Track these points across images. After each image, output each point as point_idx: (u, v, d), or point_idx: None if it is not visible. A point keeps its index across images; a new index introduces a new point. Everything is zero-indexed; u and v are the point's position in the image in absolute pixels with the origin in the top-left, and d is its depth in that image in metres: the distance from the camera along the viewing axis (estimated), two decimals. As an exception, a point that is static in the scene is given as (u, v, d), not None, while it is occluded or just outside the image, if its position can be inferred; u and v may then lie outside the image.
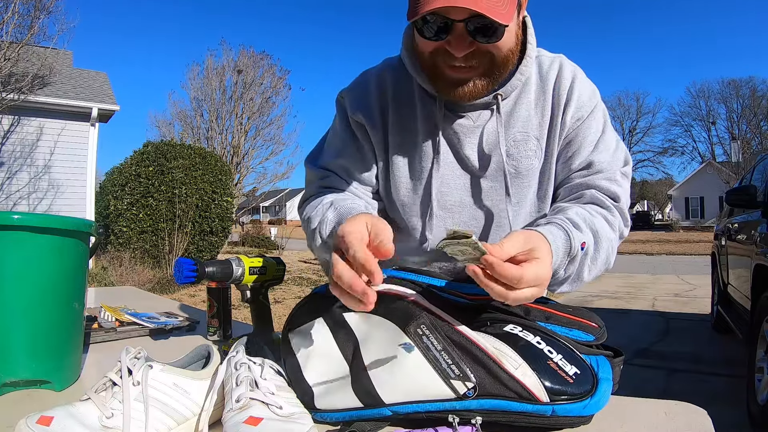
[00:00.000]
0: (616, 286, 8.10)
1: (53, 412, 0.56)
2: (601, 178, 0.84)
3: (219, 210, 9.42)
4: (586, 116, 0.84)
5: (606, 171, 0.84)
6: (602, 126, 0.86)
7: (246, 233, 18.13)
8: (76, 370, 0.86)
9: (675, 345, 4.37)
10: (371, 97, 0.89)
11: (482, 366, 0.62)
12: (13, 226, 0.74)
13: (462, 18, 0.67)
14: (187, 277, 0.87)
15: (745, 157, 27.60)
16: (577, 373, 0.63)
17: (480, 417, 0.60)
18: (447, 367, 0.62)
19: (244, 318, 3.42)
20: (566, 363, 0.63)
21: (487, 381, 0.61)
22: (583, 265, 0.76)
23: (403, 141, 0.89)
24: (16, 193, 8.31)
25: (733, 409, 2.70)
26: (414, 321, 0.64)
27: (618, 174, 0.85)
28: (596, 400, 0.61)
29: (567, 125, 0.84)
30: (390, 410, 0.64)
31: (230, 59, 17.98)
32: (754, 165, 4.30)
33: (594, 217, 0.79)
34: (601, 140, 0.85)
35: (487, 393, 0.61)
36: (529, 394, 0.60)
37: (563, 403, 0.60)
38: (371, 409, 0.64)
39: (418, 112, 0.87)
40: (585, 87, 0.85)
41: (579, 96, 0.83)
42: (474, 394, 0.60)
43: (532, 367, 0.61)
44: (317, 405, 0.66)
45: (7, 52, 7.38)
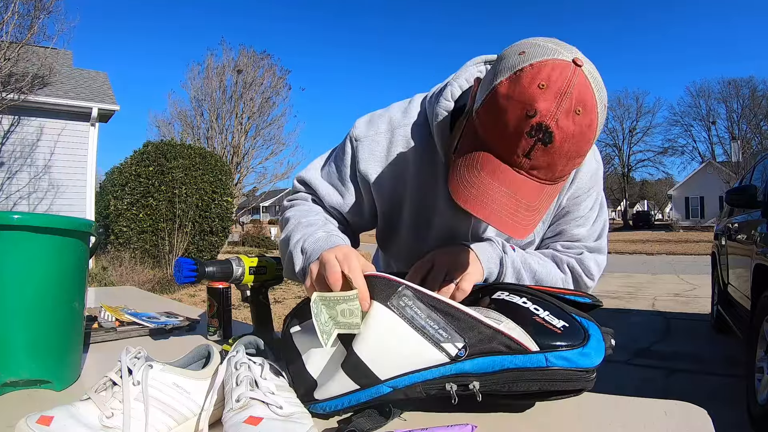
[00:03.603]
0: (616, 286, 8.10)
1: (53, 412, 0.56)
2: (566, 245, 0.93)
3: (219, 210, 9.42)
4: (582, 194, 0.89)
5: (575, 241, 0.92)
6: (591, 204, 0.91)
7: (246, 233, 18.14)
8: (76, 370, 0.86)
9: (675, 345, 4.37)
10: (387, 159, 0.86)
11: (467, 326, 0.62)
12: (13, 226, 0.74)
13: None
14: (187, 276, 0.87)
15: (745, 157, 27.58)
16: (565, 326, 0.63)
17: (476, 381, 0.61)
18: (435, 332, 0.62)
19: (244, 318, 3.42)
20: (553, 318, 0.64)
21: (475, 339, 0.62)
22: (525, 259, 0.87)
23: (419, 214, 0.89)
24: (16, 193, 8.30)
25: (733, 409, 2.70)
26: (395, 294, 0.64)
27: (582, 246, 0.92)
28: (590, 351, 0.61)
29: (563, 204, 0.89)
30: (388, 386, 0.63)
31: (230, 59, 17.99)
32: (754, 165, 4.29)
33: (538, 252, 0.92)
34: (586, 217, 0.91)
35: (479, 351, 0.61)
36: (518, 344, 0.61)
37: (556, 351, 0.60)
38: (369, 389, 0.64)
39: (439, 187, 0.85)
40: (588, 169, 0.87)
41: (581, 178, 0.87)
42: (465, 354, 0.61)
43: (515, 321, 0.64)
44: (317, 396, 0.66)
45: (7, 52, 7.37)
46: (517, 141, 0.61)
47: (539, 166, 0.62)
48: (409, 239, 0.93)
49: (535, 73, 0.59)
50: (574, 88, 0.59)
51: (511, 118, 0.60)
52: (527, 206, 0.64)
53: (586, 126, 0.60)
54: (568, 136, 0.60)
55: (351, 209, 0.91)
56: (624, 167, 43.58)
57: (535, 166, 0.62)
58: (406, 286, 0.65)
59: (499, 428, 0.64)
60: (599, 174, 0.90)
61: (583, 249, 0.91)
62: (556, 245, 0.93)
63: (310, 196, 0.94)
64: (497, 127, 0.62)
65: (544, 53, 0.60)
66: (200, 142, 16.47)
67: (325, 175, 0.92)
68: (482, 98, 0.64)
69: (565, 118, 0.59)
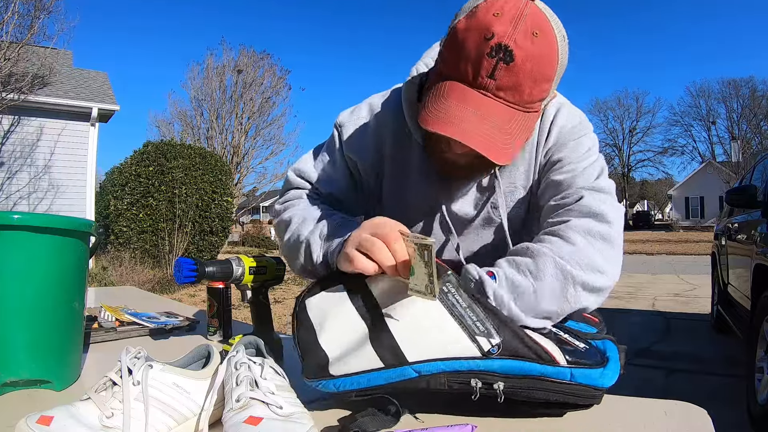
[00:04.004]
0: (616, 286, 8.03)
1: (53, 412, 0.56)
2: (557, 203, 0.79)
3: (219, 210, 9.42)
4: (563, 143, 0.81)
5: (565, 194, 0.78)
6: (581, 154, 0.81)
7: (246, 233, 18.15)
8: (76, 370, 0.86)
9: (675, 345, 4.37)
10: (368, 139, 0.89)
11: (506, 326, 0.62)
12: (13, 226, 0.74)
13: None
14: (187, 276, 0.87)
15: (745, 157, 27.59)
16: (586, 347, 0.66)
17: (502, 382, 0.61)
18: (472, 324, 0.62)
19: (244, 318, 3.42)
20: (575, 339, 0.67)
21: (510, 340, 0.62)
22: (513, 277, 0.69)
23: (397, 189, 0.90)
24: (16, 193, 8.30)
25: (733, 409, 2.70)
26: (440, 279, 0.63)
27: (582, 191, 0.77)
28: (609, 373, 0.63)
29: (540, 163, 0.84)
30: (413, 369, 0.62)
31: (230, 59, 18.01)
32: (754, 165, 4.29)
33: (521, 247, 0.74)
34: (576, 162, 0.80)
35: (509, 353, 0.61)
36: (549, 356, 0.62)
37: (581, 368, 0.61)
38: (392, 369, 0.63)
39: (413, 162, 0.88)
40: (566, 123, 0.82)
41: (559, 131, 0.82)
42: (498, 352, 0.61)
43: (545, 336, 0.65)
44: (332, 372, 0.65)
45: (7, 52, 7.37)
46: (479, 63, 0.63)
47: (505, 87, 0.64)
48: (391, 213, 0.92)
49: (490, 6, 0.64)
50: (528, 14, 0.63)
51: (471, 45, 0.64)
52: (499, 128, 0.64)
53: (546, 47, 0.64)
54: (528, 56, 0.62)
55: (346, 192, 0.93)
56: (624, 167, 43.60)
57: (501, 86, 0.64)
58: (452, 273, 0.64)
59: (499, 428, 0.64)
60: (584, 127, 0.83)
61: (580, 191, 0.76)
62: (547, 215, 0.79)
63: (303, 191, 0.93)
64: (459, 56, 0.65)
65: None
66: (200, 142, 16.49)
67: (318, 164, 0.94)
68: (444, 41, 0.68)
69: (524, 39, 0.62)
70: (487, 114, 0.64)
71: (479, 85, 0.64)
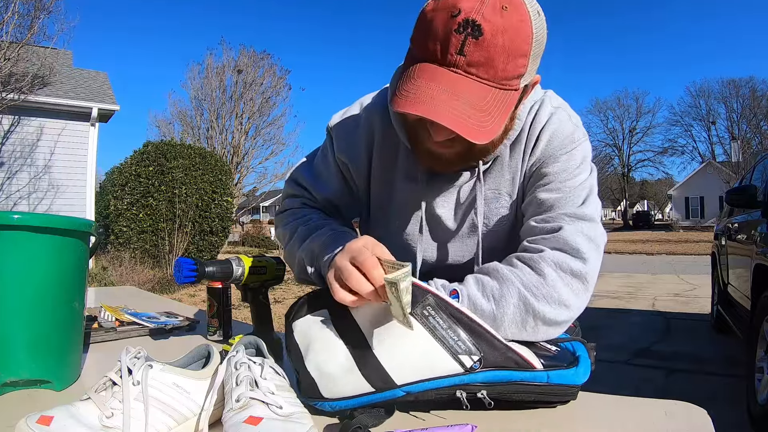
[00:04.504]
0: (616, 286, 8.10)
1: (53, 412, 0.56)
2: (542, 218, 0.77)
3: (219, 210, 9.42)
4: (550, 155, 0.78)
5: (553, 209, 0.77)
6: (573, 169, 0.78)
7: (246, 233, 18.15)
8: (76, 369, 0.86)
9: (675, 345, 4.37)
10: (359, 140, 0.89)
11: (484, 340, 0.66)
12: (13, 226, 0.74)
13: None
14: (187, 276, 0.87)
15: (745, 157, 27.58)
16: (558, 350, 0.72)
17: (485, 390, 0.65)
18: (454, 344, 0.65)
19: (244, 318, 3.42)
20: (546, 343, 0.72)
21: (489, 353, 0.65)
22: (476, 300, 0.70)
23: (383, 192, 0.90)
24: (16, 193, 8.30)
25: (733, 409, 2.70)
26: (420, 302, 0.66)
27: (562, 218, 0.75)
28: (582, 371, 0.68)
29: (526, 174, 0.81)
30: (403, 390, 0.65)
31: (230, 59, 18.00)
32: (754, 165, 4.29)
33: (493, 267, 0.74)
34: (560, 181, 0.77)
35: (490, 365, 0.65)
36: (526, 362, 0.66)
37: (555, 369, 0.67)
38: (383, 392, 0.65)
39: (398, 165, 0.88)
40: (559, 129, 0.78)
41: (549, 140, 0.78)
42: (480, 366, 0.64)
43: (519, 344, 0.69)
44: (324, 395, 0.66)
45: (7, 52, 7.37)
46: (447, 40, 0.61)
47: (476, 62, 0.62)
48: (377, 219, 0.94)
49: None
50: None
51: (438, 24, 0.62)
52: (473, 105, 0.62)
53: (517, 20, 0.62)
54: (498, 29, 0.61)
55: (341, 196, 0.93)
56: (624, 167, 43.63)
57: (472, 62, 0.62)
58: (431, 294, 0.67)
59: (499, 428, 0.64)
60: (576, 139, 0.79)
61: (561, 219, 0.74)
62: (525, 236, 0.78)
63: (299, 199, 0.95)
64: (428, 37, 0.64)
65: None
66: (200, 142, 16.48)
67: (314, 169, 0.95)
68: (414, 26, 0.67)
69: (492, 13, 0.61)
70: (459, 91, 0.62)
71: (449, 62, 0.62)
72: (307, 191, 0.94)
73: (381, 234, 0.91)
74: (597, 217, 0.76)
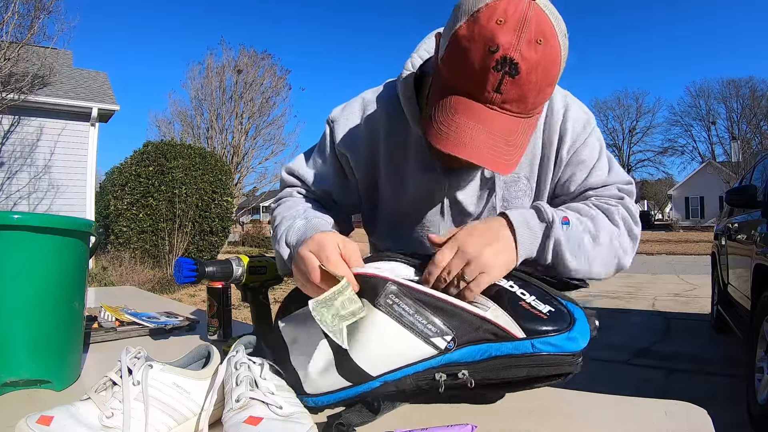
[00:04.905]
0: (616, 286, 8.10)
1: (53, 412, 0.56)
2: (599, 192, 0.86)
3: (219, 210, 9.42)
4: (580, 145, 0.85)
5: (604, 186, 0.86)
6: (597, 153, 0.86)
7: (246, 233, 18.14)
8: (76, 369, 0.86)
9: (675, 345, 4.37)
10: (361, 133, 0.89)
11: (454, 317, 0.64)
12: (13, 226, 0.74)
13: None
14: (187, 276, 0.87)
15: (745, 157, 27.58)
16: (551, 311, 0.64)
17: (465, 369, 0.62)
18: (424, 328, 0.63)
19: (244, 318, 3.42)
20: (539, 303, 0.65)
21: (463, 330, 0.63)
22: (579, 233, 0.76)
23: (396, 182, 0.90)
24: (16, 193, 8.30)
25: (733, 409, 2.70)
26: (382, 293, 0.65)
27: (615, 188, 0.86)
28: (576, 335, 0.62)
29: (564, 160, 0.85)
30: (379, 381, 0.65)
31: (230, 59, 18.00)
32: (754, 165, 4.29)
33: (587, 204, 0.82)
34: (596, 167, 0.86)
35: (467, 341, 0.62)
36: (504, 332, 0.62)
37: (542, 337, 0.61)
38: (361, 385, 0.65)
39: (410, 155, 0.88)
40: (578, 118, 0.84)
41: (573, 128, 0.84)
42: (454, 346, 0.62)
43: (502, 307, 0.64)
44: (307, 390, 0.67)
45: (7, 52, 7.37)
46: (485, 77, 0.62)
47: (511, 99, 0.63)
48: (389, 210, 0.94)
49: (492, 11, 0.61)
50: (532, 19, 0.61)
51: (476, 57, 0.62)
52: (506, 141, 0.65)
53: (549, 54, 0.62)
54: (533, 66, 0.61)
55: (338, 189, 0.93)
56: (624, 167, 43.08)
57: (507, 99, 0.63)
58: (391, 282, 0.66)
59: (499, 428, 0.64)
60: (591, 123, 0.86)
61: (619, 193, 0.86)
62: (587, 194, 0.87)
63: (295, 188, 0.95)
64: (463, 69, 0.64)
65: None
66: (200, 142, 16.49)
67: (311, 162, 0.95)
68: (445, 45, 0.67)
69: (528, 49, 0.61)
70: (494, 128, 0.64)
71: (485, 99, 0.64)
72: (303, 183, 0.95)
73: (396, 225, 0.92)
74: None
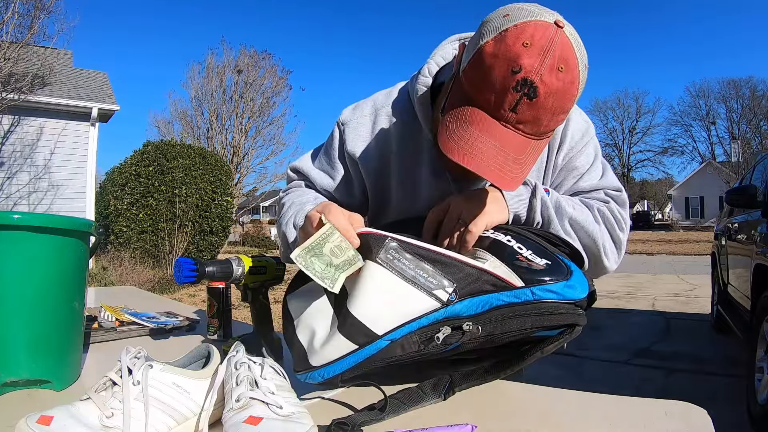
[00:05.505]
0: (616, 286, 8.10)
1: (53, 411, 0.56)
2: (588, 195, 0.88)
3: (219, 210, 9.42)
4: (576, 153, 0.87)
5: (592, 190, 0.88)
6: (592, 160, 0.89)
7: (246, 233, 18.14)
8: (76, 369, 0.86)
9: (675, 345, 4.37)
10: (372, 136, 0.90)
11: (454, 268, 0.64)
12: (13, 226, 0.74)
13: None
14: (187, 276, 0.87)
15: (745, 157, 27.58)
16: (548, 263, 0.66)
17: (469, 322, 0.63)
18: (425, 281, 0.64)
19: (244, 318, 3.42)
20: (536, 256, 0.66)
21: (463, 282, 0.64)
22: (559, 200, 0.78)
23: (407, 186, 0.91)
24: (16, 193, 8.30)
25: (733, 409, 2.70)
26: (382, 248, 0.66)
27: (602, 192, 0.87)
28: (574, 284, 0.63)
29: (559, 165, 0.88)
30: (386, 340, 0.65)
31: (231, 58, 18.02)
32: (754, 165, 4.29)
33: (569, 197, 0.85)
34: (588, 172, 0.88)
35: (467, 293, 0.63)
36: (503, 282, 0.63)
37: (541, 285, 0.62)
38: (368, 347, 0.65)
39: (423, 159, 0.88)
40: (578, 126, 0.87)
41: (572, 136, 0.86)
42: (456, 297, 0.63)
43: (500, 259, 0.65)
44: (312, 363, 0.67)
45: (7, 52, 7.37)
46: (504, 96, 0.63)
47: (525, 120, 0.65)
48: (400, 212, 0.94)
49: (519, 32, 0.62)
50: (557, 46, 0.62)
51: (498, 75, 0.63)
52: (514, 159, 0.66)
53: (568, 82, 0.64)
54: (551, 92, 0.63)
55: (342, 191, 0.94)
56: (624, 167, 43.60)
57: (522, 120, 0.65)
58: (391, 238, 0.66)
59: (499, 428, 0.64)
60: (590, 132, 0.89)
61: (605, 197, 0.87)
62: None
63: (303, 181, 0.97)
64: (484, 84, 0.65)
65: (528, 15, 0.64)
66: (200, 142, 16.49)
67: (317, 161, 0.96)
68: (469, 58, 0.67)
69: (549, 74, 0.62)
70: (505, 146, 0.66)
71: (501, 117, 0.65)
72: (308, 181, 0.95)
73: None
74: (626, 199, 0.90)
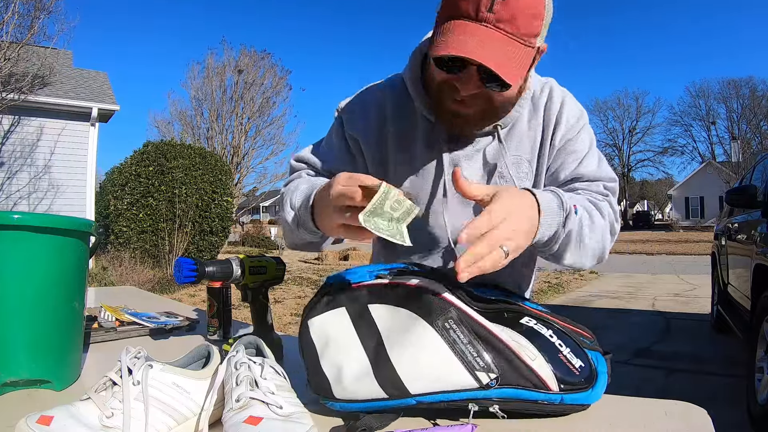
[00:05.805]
0: (616, 286, 8.10)
1: (53, 411, 0.56)
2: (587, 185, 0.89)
3: (219, 210, 9.42)
4: (572, 136, 0.90)
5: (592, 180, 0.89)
6: (588, 146, 0.91)
7: (246, 233, 18.14)
8: (76, 369, 0.86)
9: (675, 345, 4.37)
10: (370, 115, 0.93)
11: (504, 358, 0.65)
12: (13, 226, 0.74)
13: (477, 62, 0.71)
14: (187, 276, 0.87)
15: (745, 157, 27.57)
16: (582, 366, 0.68)
17: (497, 405, 0.65)
18: (473, 359, 0.65)
19: (244, 318, 3.41)
20: (573, 356, 0.69)
21: (508, 372, 0.65)
22: (582, 227, 0.77)
23: (404, 161, 0.92)
24: (16, 193, 8.30)
25: (733, 409, 2.70)
26: (442, 315, 0.66)
27: (601, 185, 0.89)
28: (597, 392, 0.68)
29: (556, 147, 0.90)
30: (415, 400, 0.66)
31: (231, 58, 18.02)
32: (754, 165, 4.29)
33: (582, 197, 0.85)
34: (587, 156, 0.90)
35: (507, 383, 0.65)
36: (543, 384, 0.65)
37: (570, 393, 0.66)
38: (396, 400, 0.66)
39: (418, 135, 0.91)
40: (573, 110, 0.90)
41: (567, 119, 0.89)
42: (496, 384, 0.64)
43: (545, 358, 0.66)
44: (336, 395, 0.67)
45: (7, 52, 7.37)
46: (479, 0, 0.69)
47: (504, 19, 0.69)
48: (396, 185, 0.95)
49: None
50: None
51: None
52: (503, 53, 0.70)
53: None
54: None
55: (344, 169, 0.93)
56: (624, 167, 43.56)
57: (500, 18, 0.69)
58: (455, 308, 0.67)
59: (499, 428, 0.64)
60: (585, 118, 0.92)
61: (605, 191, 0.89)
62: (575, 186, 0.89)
63: (303, 171, 0.97)
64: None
65: None
66: (200, 142, 16.49)
67: (319, 148, 0.98)
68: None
69: None
70: (492, 42, 0.70)
71: (480, 18, 0.69)
72: (311, 167, 0.96)
73: None
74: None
